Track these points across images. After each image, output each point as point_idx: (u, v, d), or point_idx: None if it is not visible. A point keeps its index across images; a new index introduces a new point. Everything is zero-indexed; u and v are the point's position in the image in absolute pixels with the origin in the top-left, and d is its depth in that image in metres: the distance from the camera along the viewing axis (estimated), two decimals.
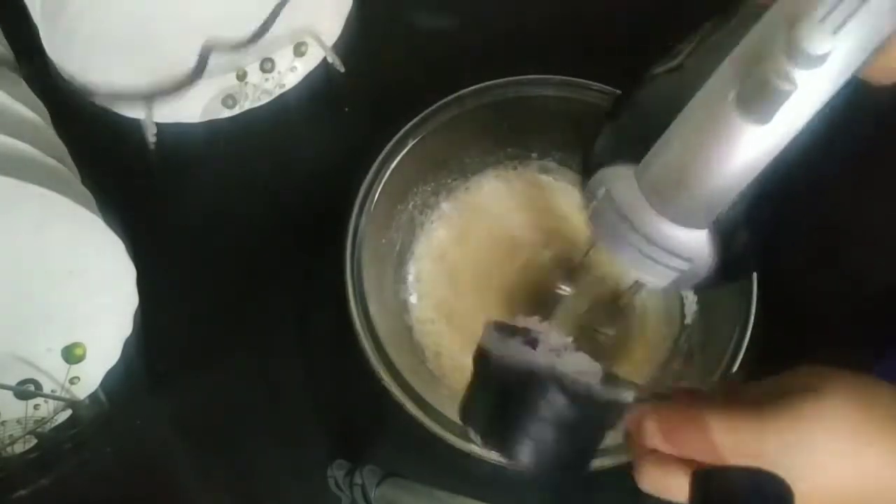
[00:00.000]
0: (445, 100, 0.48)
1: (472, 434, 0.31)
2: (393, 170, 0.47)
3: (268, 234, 0.53)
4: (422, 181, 0.51)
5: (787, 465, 0.27)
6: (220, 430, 0.49)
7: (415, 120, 0.47)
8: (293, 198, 0.54)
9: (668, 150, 0.27)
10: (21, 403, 0.44)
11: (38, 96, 0.44)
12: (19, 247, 0.39)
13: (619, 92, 0.36)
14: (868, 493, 0.28)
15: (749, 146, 0.26)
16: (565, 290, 0.48)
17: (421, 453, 0.42)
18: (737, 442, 0.28)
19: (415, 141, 0.47)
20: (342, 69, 0.56)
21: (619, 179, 0.29)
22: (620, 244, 0.31)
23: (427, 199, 0.52)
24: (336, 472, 0.45)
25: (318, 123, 0.57)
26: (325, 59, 0.56)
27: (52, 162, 0.41)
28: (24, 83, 0.44)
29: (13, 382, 0.43)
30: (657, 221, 0.29)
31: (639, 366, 0.48)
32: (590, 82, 0.47)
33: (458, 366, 0.48)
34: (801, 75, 0.24)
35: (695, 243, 0.29)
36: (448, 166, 0.51)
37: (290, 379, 0.50)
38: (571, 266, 0.48)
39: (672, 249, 0.29)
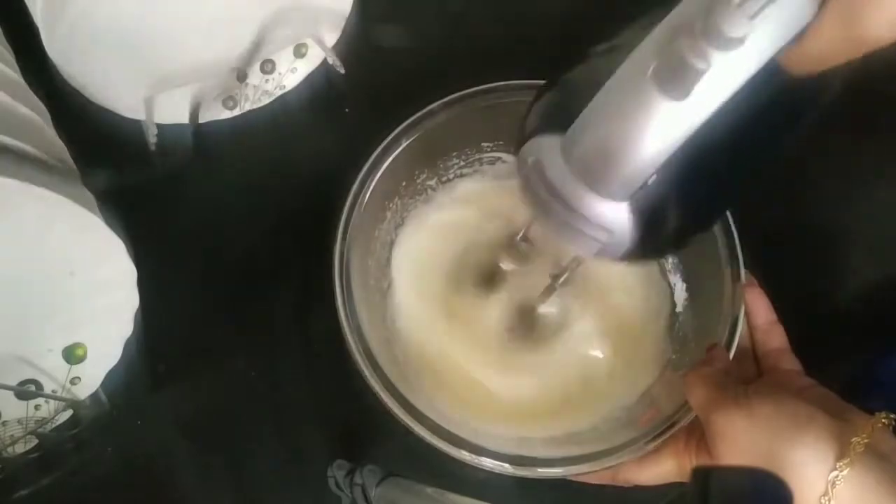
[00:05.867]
0: (440, 101, 0.48)
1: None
2: (383, 172, 0.47)
3: (268, 235, 0.53)
4: (410, 183, 0.51)
5: None
6: (220, 430, 0.49)
7: (409, 120, 0.47)
8: (293, 199, 0.54)
9: (590, 120, 0.28)
10: (22, 404, 0.44)
11: (38, 96, 0.44)
12: (20, 247, 0.39)
13: None
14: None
15: (665, 121, 0.26)
16: (508, 266, 0.48)
17: (421, 454, 0.42)
18: None
19: (409, 141, 0.47)
20: (342, 70, 0.56)
21: (547, 149, 0.30)
22: (548, 213, 0.31)
23: (411, 201, 0.52)
24: (336, 472, 0.45)
25: (318, 125, 0.57)
26: (325, 61, 0.56)
27: (52, 162, 0.41)
28: (24, 83, 0.44)
29: (14, 383, 0.43)
30: (580, 191, 0.29)
31: (635, 359, 0.48)
32: None
33: (428, 370, 0.48)
34: (716, 56, 0.24)
35: (615, 215, 0.29)
36: (438, 167, 0.51)
37: (290, 379, 0.50)
38: (512, 243, 0.47)
39: (593, 220, 0.30)
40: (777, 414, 0.34)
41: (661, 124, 0.26)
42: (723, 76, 0.25)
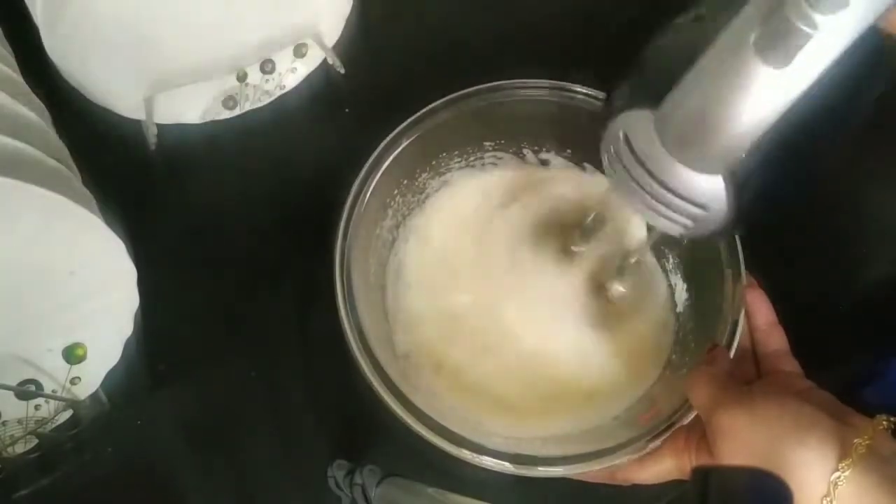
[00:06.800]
0: (441, 101, 0.48)
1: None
2: (383, 172, 0.47)
3: (268, 235, 0.53)
4: (411, 182, 0.51)
5: None
6: (220, 430, 0.49)
7: (409, 120, 0.48)
8: (293, 198, 0.54)
9: (686, 92, 0.27)
10: (22, 404, 0.44)
11: (38, 96, 0.44)
12: (20, 247, 0.39)
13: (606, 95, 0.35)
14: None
15: (767, 90, 0.26)
16: (578, 249, 0.47)
17: (421, 453, 0.42)
18: None
19: (409, 141, 0.48)
20: (342, 70, 0.56)
21: (637, 124, 0.29)
22: (635, 191, 0.31)
23: (413, 199, 0.52)
24: (336, 472, 0.45)
25: (318, 124, 0.57)
26: (325, 61, 0.56)
27: (52, 162, 0.41)
28: (24, 83, 0.44)
29: (14, 383, 0.43)
30: (673, 167, 0.29)
31: (635, 359, 0.48)
32: (579, 87, 0.48)
33: (429, 369, 0.48)
34: (820, 20, 0.24)
35: (710, 190, 0.29)
36: (439, 167, 0.52)
37: (290, 379, 0.50)
38: (578, 227, 0.47)
39: (687, 196, 0.29)
40: (781, 414, 0.34)
41: (763, 94, 0.26)
42: (825, 41, 0.25)
